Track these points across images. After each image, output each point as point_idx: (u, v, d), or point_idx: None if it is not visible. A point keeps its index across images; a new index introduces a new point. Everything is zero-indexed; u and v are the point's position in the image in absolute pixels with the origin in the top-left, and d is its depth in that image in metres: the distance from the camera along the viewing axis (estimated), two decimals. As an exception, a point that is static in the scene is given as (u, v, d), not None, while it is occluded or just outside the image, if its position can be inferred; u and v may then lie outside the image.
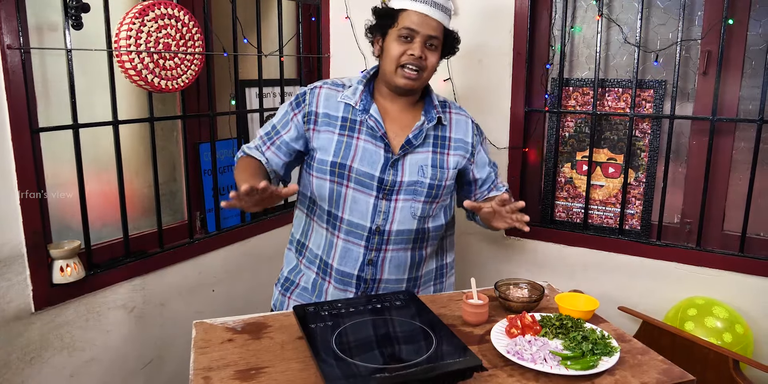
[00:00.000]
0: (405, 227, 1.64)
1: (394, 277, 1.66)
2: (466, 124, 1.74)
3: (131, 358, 2.16)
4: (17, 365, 1.80)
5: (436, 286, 1.81)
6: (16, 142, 1.73)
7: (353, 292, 1.65)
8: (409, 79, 1.58)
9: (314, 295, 1.72)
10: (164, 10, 1.99)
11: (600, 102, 2.46)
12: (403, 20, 1.56)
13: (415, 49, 1.55)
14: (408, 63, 1.56)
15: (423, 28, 1.55)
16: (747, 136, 2.23)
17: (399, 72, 1.57)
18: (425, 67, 1.58)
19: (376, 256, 1.63)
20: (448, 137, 1.70)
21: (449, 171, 1.67)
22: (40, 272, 1.82)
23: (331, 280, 1.67)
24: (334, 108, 1.64)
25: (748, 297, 2.19)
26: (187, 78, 2.12)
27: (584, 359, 1.28)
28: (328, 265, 1.66)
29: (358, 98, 1.63)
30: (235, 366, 1.28)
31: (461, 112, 1.76)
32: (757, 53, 2.17)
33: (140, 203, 2.26)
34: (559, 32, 2.49)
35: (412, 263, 1.68)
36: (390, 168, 1.60)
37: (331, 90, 1.66)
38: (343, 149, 1.60)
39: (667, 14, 2.31)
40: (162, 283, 2.23)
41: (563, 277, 2.50)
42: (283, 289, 1.80)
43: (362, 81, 1.67)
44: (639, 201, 2.45)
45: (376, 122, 1.61)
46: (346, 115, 1.63)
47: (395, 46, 1.57)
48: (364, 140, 1.61)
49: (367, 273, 1.64)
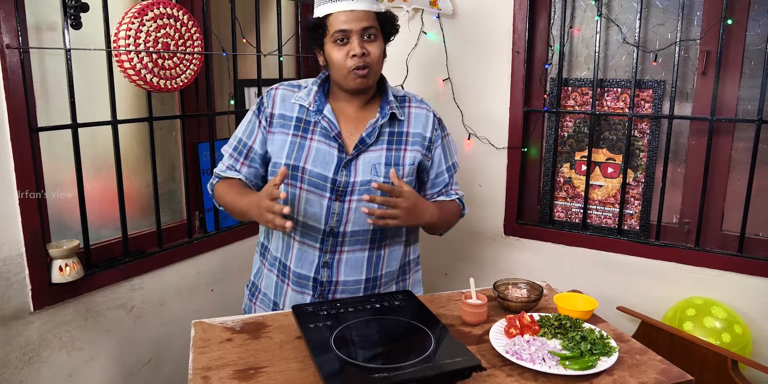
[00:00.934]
0: (360, 228, 1.61)
1: (352, 278, 1.63)
2: (426, 118, 1.68)
3: (130, 357, 2.16)
4: (16, 365, 1.80)
5: (398, 284, 1.76)
6: (15, 142, 1.73)
7: (310, 294, 1.62)
8: (362, 78, 1.54)
9: (272, 301, 1.69)
10: (163, 9, 1.99)
11: (599, 102, 2.46)
12: (332, 24, 1.51)
13: (354, 47, 1.51)
14: (355, 66, 1.52)
15: (353, 25, 1.50)
16: (746, 136, 2.23)
17: (350, 75, 1.54)
18: (371, 62, 1.54)
19: (331, 258, 1.60)
20: (405, 132, 1.64)
21: (405, 167, 1.62)
22: (38, 272, 1.82)
23: (290, 282, 1.65)
24: (289, 109, 1.62)
25: (747, 297, 2.19)
26: (186, 78, 2.12)
27: (583, 359, 1.28)
28: (287, 267, 1.64)
29: (312, 99, 1.61)
30: (234, 366, 1.28)
31: (422, 105, 1.70)
32: (756, 53, 2.17)
33: (139, 203, 2.26)
34: (558, 32, 2.49)
35: (369, 264, 1.64)
36: (343, 169, 1.57)
37: (287, 91, 1.64)
38: (296, 151, 1.58)
39: (665, 14, 2.32)
40: (161, 282, 2.23)
41: (562, 277, 2.50)
42: (250, 294, 1.79)
43: (317, 82, 1.64)
44: (638, 201, 2.45)
45: (329, 122, 1.58)
46: (300, 116, 1.61)
47: (335, 52, 1.53)
48: (318, 141, 1.59)
49: (323, 275, 1.61)
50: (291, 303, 1.64)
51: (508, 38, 2.53)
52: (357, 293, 1.65)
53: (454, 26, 2.64)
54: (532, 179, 2.68)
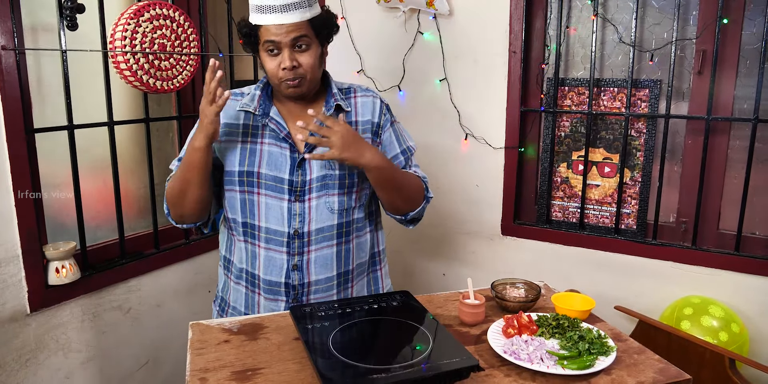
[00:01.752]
0: (324, 224, 1.59)
1: (323, 276, 1.61)
2: (373, 105, 1.65)
3: (127, 359, 2.16)
4: (12, 367, 1.80)
5: (369, 276, 1.74)
6: (11, 143, 1.72)
7: (284, 300, 1.61)
8: (295, 87, 1.52)
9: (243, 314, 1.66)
10: (159, 10, 1.99)
11: (595, 101, 2.46)
12: (263, 34, 1.49)
13: (285, 60, 1.48)
14: (285, 78, 1.50)
15: (282, 37, 1.47)
16: (742, 135, 2.24)
17: (283, 85, 1.52)
18: (304, 73, 1.51)
19: (299, 260, 1.59)
20: (354, 122, 1.62)
21: None
22: (35, 273, 1.82)
23: (261, 291, 1.62)
24: (234, 117, 1.60)
25: (744, 296, 2.20)
26: (183, 79, 2.12)
27: (581, 359, 1.28)
28: (255, 277, 1.62)
29: (257, 104, 1.59)
30: (232, 367, 1.28)
31: (367, 93, 1.67)
32: (752, 52, 2.18)
33: (136, 204, 2.26)
34: (554, 32, 2.49)
35: (338, 259, 1.63)
36: (297, 168, 1.56)
37: (231, 100, 1.61)
38: (248, 156, 1.57)
39: (661, 14, 2.32)
40: (158, 284, 2.23)
41: (560, 277, 2.50)
42: (219, 309, 1.75)
43: (259, 87, 1.62)
44: (635, 200, 2.45)
45: (277, 124, 1.57)
46: (247, 122, 1.59)
47: (267, 62, 1.51)
48: (268, 144, 1.57)
49: (294, 279, 1.59)
50: (265, 312, 1.62)
51: (505, 38, 2.53)
52: (330, 291, 1.63)
53: (450, 26, 2.64)
54: (530, 179, 2.68)
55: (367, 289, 1.74)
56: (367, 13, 2.76)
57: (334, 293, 1.64)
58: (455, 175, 2.75)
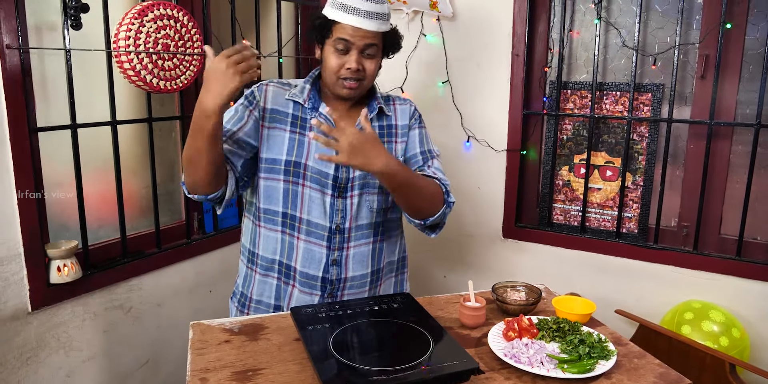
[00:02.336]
0: (364, 222, 1.62)
1: (359, 272, 1.64)
2: (408, 111, 1.73)
3: (128, 358, 2.16)
4: (13, 365, 1.80)
5: (396, 278, 1.78)
6: (15, 142, 1.73)
7: (319, 294, 1.62)
8: (350, 89, 1.56)
9: (272, 306, 1.66)
10: (163, 10, 1.99)
11: (598, 105, 2.47)
12: (337, 31, 1.52)
13: (352, 61, 1.52)
14: (347, 77, 1.53)
15: (357, 40, 1.51)
16: (744, 140, 2.24)
17: (339, 83, 1.55)
18: (365, 77, 1.56)
19: (339, 255, 1.61)
20: (394, 125, 1.69)
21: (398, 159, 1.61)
22: (37, 272, 1.82)
23: (296, 283, 1.63)
24: (283, 105, 1.61)
25: (745, 301, 2.20)
26: (186, 79, 2.12)
27: (581, 362, 1.28)
28: (291, 268, 1.62)
29: (306, 97, 1.61)
30: (232, 367, 1.28)
31: (405, 102, 1.75)
32: (755, 57, 2.18)
33: (138, 203, 2.26)
34: (557, 35, 2.49)
35: (373, 256, 1.66)
36: (341, 166, 1.58)
37: (279, 88, 1.64)
38: (296, 147, 1.58)
39: (665, 18, 2.32)
40: (159, 283, 2.23)
41: (560, 280, 2.50)
42: (239, 305, 1.73)
43: (309, 80, 1.65)
44: (636, 204, 2.45)
45: (325, 120, 1.59)
46: (296, 113, 1.61)
47: (332, 58, 1.54)
48: (315, 138, 1.57)
49: (332, 274, 1.61)
50: (297, 304, 1.62)
51: (508, 41, 2.53)
52: (363, 287, 1.66)
53: (453, 29, 2.64)
54: (531, 182, 2.68)
55: (393, 289, 1.78)
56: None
57: (366, 290, 1.68)
58: (457, 177, 2.75)
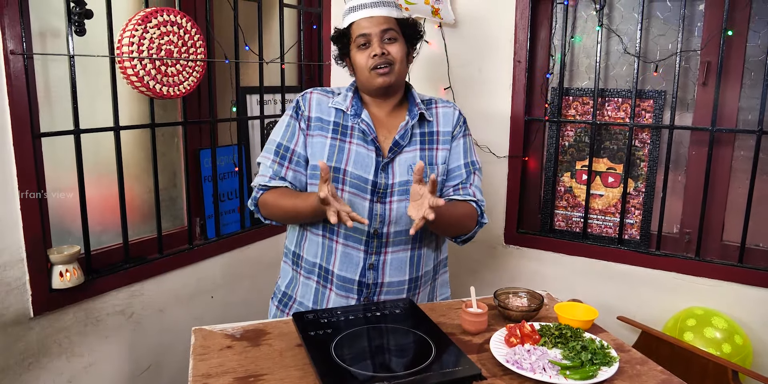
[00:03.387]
0: (402, 228, 1.64)
1: (396, 279, 1.65)
2: (453, 115, 1.74)
3: (129, 364, 2.16)
4: (15, 370, 1.80)
5: (432, 284, 1.79)
6: (18, 147, 1.73)
7: (355, 298, 1.64)
8: (384, 75, 1.61)
9: (312, 308, 1.69)
10: (167, 16, 2.00)
11: (600, 112, 2.47)
12: (354, 31, 1.62)
13: (375, 48, 1.59)
14: (375, 64, 1.60)
15: (373, 28, 1.60)
16: (746, 146, 2.24)
17: (372, 74, 1.61)
18: (393, 61, 1.61)
19: (376, 260, 1.63)
20: (436, 132, 1.70)
21: (439, 167, 1.67)
22: (39, 277, 1.82)
23: (332, 287, 1.65)
24: (326, 113, 1.67)
25: (747, 308, 2.19)
26: (189, 84, 2.13)
27: (583, 369, 1.28)
28: (329, 272, 1.65)
29: (349, 104, 1.67)
30: (234, 373, 1.28)
31: (448, 104, 1.76)
32: (757, 64, 2.18)
33: (140, 209, 2.26)
34: (559, 42, 2.50)
35: (411, 263, 1.67)
36: (381, 171, 1.62)
37: (322, 96, 1.70)
38: (337, 153, 1.62)
39: (666, 25, 2.33)
40: (161, 289, 2.23)
41: (562, 287, 2.50)
42: (281, 305, 1.77)
43: (351, 88, 1.71)
44: (638, 211, 2.45)
45: (368, 126, 1.63)
46: (338, 120, 1.66)
47: (359, 56, 1.62)
48: (357, 144, 1.63)
49: (369, 278, 1.63)
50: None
51: (510, 47, 2.54)
52: (401, 294, 1.67)
53: (455, 35, 2.65)
54: (533, 188, 2.68)
55: (428, 296, 1.78)
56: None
57: (403, 297, 1.67)
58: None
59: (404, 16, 1.68)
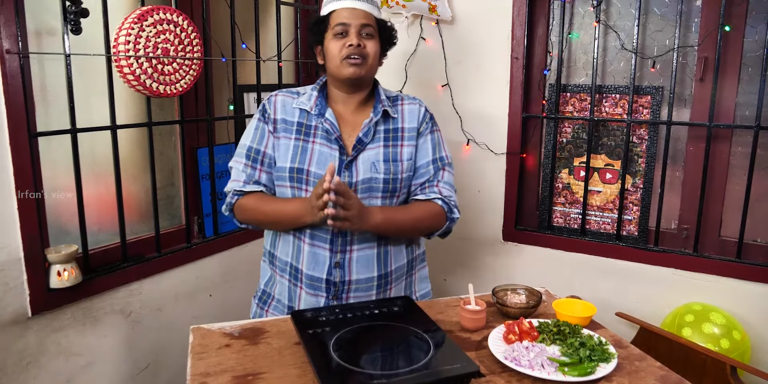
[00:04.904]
0: None
1: (364, 276, 1.64)
2: (418, 112, 1.73)
3: (128, 363, 2.16)
4: (13, 370, 1.80)
5: (407, 279, 1.78)
6: (14, 147, 1.73)
7: (324, 296, 1.64)
8: (355, 66, 1.60)
9: (287, 306, 1.70)
10: (163, 15, 1.99)
11: (597, 108, 2.47)
12: (334, 19, 1.62)
13: (352, 39, 1.60)
14: (349, 54, 1.60)
15: (353, 19, 1.61)
16: (744, 142, 2.24)
17: (343, 63, 1.61)
18: (367, 55, 1.62)
19: (342, 258, 1.63)
20: (401, 128, 1.70)
21: (403, 163, 1.67)
22: (37, 277, 1.82)
23: (303, 285, 1.66)
24: (291, 114, 1.67)
25: (746, 303, 2.19)
26: (186, 83, 2.12)
27: (582, 365, 1.28)
28: (299, 271, 1.66)
29: (313, 103, 1.66)
30: (233, 371, 1.28)
31: (414, 101, 1.76)
32: (754, 60, 2.18)
33: (138, 208, 2.26)
34: (556, 38, 2.50)
35: (379, 260, 1.67)
36: (345, 170, 1.61)
37: (287, 97, 1.70)
38: (300, 154, 1.62)
39: (663, 21, 2.33)
40: (159, 287, 2.23)
41: (561, 283, 2.50)
42: (261, 303, 1.78)
43: (316, 88, 1.71)
44: (636, 207, 2.45)
45: (331, 125, 1.63)
46: (302, 121, 1.66)
47: (333, 44, 1.62)
48: (320, 144, 1.63)
49: (336, 276, 1.62)
50: (305, 306, 1.66)
51: (507, 44, 2.54)
52: (370, 291, 1.67)
53: (452, 32, 2.65)
54: (531, 185, 2.68)
55: (404, 291, 1.78)
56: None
57: (373, 294, 1.68)
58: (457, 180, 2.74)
59: (384, 19, 1.70)
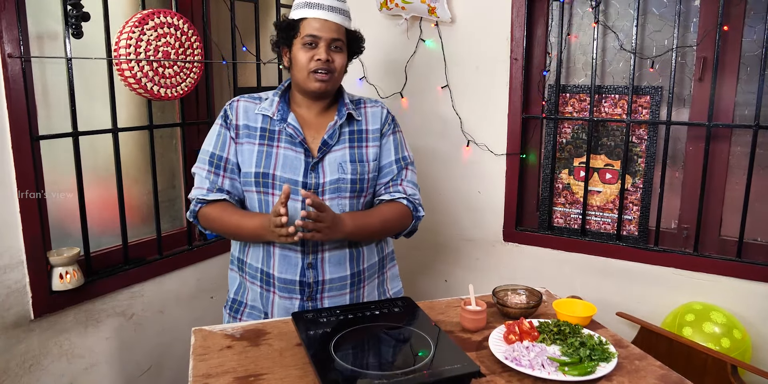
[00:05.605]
0: None
1: (337, 275, 1.65)
2: (381, 114, 1.75)
3: (130, 365, 2.17)
4: (16, 372, 1.81)
5: (379, 278, 1.79)
6: (17, 150, 1.74)
7: (298, 298, 1.64)
8: (322, 82, 1.60)
9: (262, 312, 1.70)
10: (164, 18, 2.00)
11: (597, 108, 2.47)
12: (305, 28, 1.59)
13: (321, 53, 1.58)
14: (317, 68, 1.59)
15: (324, 33, 1.59)
16: (743, 141, 2.24)
17: (311, 77, 1.60)
18: (334, 69, 1.62)
19: (314, 258, 1.63)
20: (365, 130, 1.71)
21: (369, 164, 1.68)
22: (39, 279, 1.83)
23: (276, 290, 1.66)
24: (253, 119, 1.67)
25: (746, 302, 2.20)
26: (186, 86, 2.13)
27: (582, 365, 1.28)
28: (270, 276, 1.66)
29: (275, 109, 1.66)
30: (234, 373, 1.29)
31: (376, 104, 1.77)
32: (752, 59, 2.18)
33: (139, 210, 2.27)
34: (555, 39, 2.50)
35: (351, 259, 1.68)
36: (311, 172, 1.62)
37: (249, 103, 1.69)
38: (264, 159, 1.63)
39: (662, 21, 2.33)
40: (161, 290, 2.24)
41: (561, 283, 2.50)
42: (233, 312, 1.77)
43: (278, 93, 1.70)
44: (636, 207, 2.46)
45: (294, 129, 1.63)
46: (265, 126, 1.66)
47: (302, 54, 1.60)
48: (284, 148, 1.63)
49: (309, 277, 1.63)
50: (279, 310, 1.66)
51: (506, 45, 2.55)
52: (343, 290, 1.67)
53: (452, 34, 2.66)
54: (531, 186, 2.69)
55: (377, 290, 1.78)
56: (369, 20, 2.78)
57: (347, 292, 1.68)
58: (457, 181, 2.76)
59: (354, 29, 1.69)
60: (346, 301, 1.68)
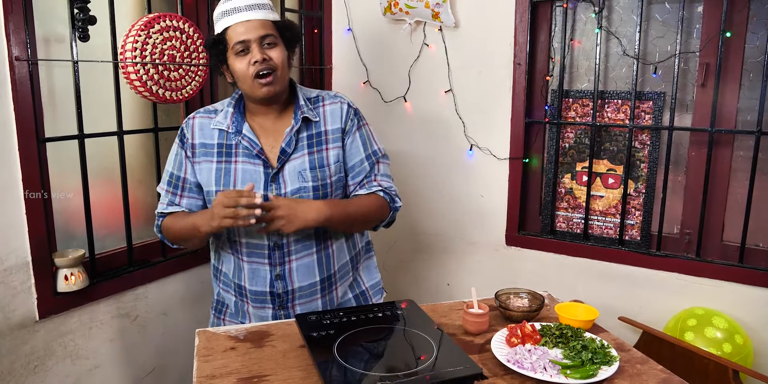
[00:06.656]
0: (302, 235, 1.62)
1: (306, 282, 1.65)
2: (341, 111, 1.67)
3: (134, 366, 2.17)
4: (21, 373, 1.81)
5: (354, 273, 1.78)
6: (23, 152, 1.75)
7: (270, 307, 1.66)
8: (268, 85, 1.55)
9: (239, 317, 1.73)
10: (169, 22, 2.02)
11: (599, 113, 2.48)
12: (231, 37, 1.55)
13: (255, 54, 1.53)
14: (257, 71, 1.53)
15: (251, 34, 1.53)
16: (745, 147, 2.25)
17: (255, 83, 1.55)
18: (276, 66, 1.56)
19: (282, 269, 1.63)
20: (324, 131, 1.65)
21: (330, 167, 1.63)
22: (44, 281, 1.84)
23: (248, 300, 1.68)
24: (209, 136, 1.64)
25: (748, 307, 2.20)
26: (192, 89, 2.15)
27: (584, 368, 1.29)
28: (242, 288, 1.67)
29: (230, 121, 1.63)
30: (238, 374, 1.29)
31: (335, 99, 1.69)
32: (755, 65, 2.19)
33: (144, 212, 2.28)
34: (559, 44, 2.51)
35: (320, 265, 1.66)
36: (272, 183, 1.59)
37: (204, 118, 1.66)
38: (223, 176, 1.61)
39: (665, 27, 2.34)
40: (165, 292, 2.25)
41: (563, 287, 2.50)
42: (217, 312, 1.80)
43: (231, 103, 1.66)
44: (639, 211, 2.46)
45: (249, 141, 1.60)
46: (221, 141, 1.63)
47: (239, 63, 1.55)
48: (242, 162, 1.61)
49: (278, 288, 1.63)
50: (254, 318, 1.69)
51: (510, 50, 2.56)
52: (314, 295, 1.67)
53: (455, 38, 2.67)
54: (534, 190, 2.69)
55: (350, 289, 1.78)
56: (373, 25, 2.79)
57: (318, 297, 1.68)
58: (460, 185, 2.77)
59: (280, 19, 1.62)
60: (318, 306, 1.68)
